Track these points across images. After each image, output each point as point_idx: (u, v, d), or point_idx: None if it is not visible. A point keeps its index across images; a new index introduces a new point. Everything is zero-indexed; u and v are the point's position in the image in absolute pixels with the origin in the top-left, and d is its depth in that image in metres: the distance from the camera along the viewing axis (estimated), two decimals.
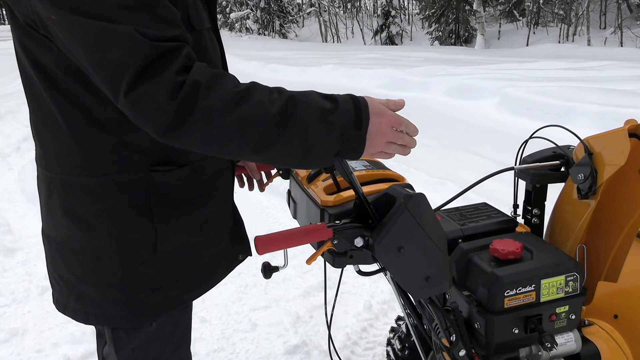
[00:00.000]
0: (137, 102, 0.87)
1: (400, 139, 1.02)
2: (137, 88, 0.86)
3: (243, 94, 0.90)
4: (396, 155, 1.06)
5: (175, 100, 0.86)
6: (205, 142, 0.92)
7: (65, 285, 1.19)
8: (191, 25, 1.03)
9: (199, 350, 2.46)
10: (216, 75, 0.91)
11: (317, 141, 0.94)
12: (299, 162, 0.97)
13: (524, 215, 1.53)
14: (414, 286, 1.07)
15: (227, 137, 0.91)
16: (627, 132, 1.26)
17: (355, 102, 0.97)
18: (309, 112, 0.93)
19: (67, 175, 1.10)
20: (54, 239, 1.19)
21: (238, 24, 28.79)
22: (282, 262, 1.03)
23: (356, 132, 0.95)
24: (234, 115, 0.89)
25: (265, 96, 0.91)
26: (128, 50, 0.86)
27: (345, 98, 0.97)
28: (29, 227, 3.75)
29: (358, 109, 0.96)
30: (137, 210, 1.09)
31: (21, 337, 2.58)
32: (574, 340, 1.26)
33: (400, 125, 1.02)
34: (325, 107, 0.93)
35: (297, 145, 0.93)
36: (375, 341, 2.50)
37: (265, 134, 0.91)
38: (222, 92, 0.89)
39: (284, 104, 0.91)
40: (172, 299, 1.19)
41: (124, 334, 1.20)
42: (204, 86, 0.88)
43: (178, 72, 0.87)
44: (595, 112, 5.99)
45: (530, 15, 20.46)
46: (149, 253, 1.12)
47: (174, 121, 0.88)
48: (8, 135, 6.25)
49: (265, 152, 0.94)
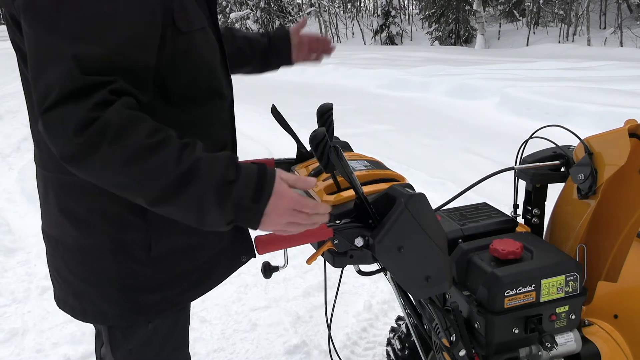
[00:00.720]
0: (49, 124, 0.89)
1: (303, 220, 0.98)
2: (52, 111, 0.88)
3: (152, 147, 0.89)
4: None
5: (82, 134, 0.87)
6: (102, 182, 0.93)
7: (64, 282, 1.20)
8: (176, 27, 1.02)
9: (199, 350, 2.46)
10: (133, 120, 0.90)
11: (210, 208, 0.93)
12: (194, 223, 0.97)
13: (524, 215, 1.53)
14: (414, 286, 1.07)
15: (123, 184, 0.92)
16: (627, 132, 1.26)
17: (261, 176, 0.95)
18: (208, 180, 0.92)
19: (63, 174, 1.10)
20: (52, 237, 1.20)
21: (238, 24, 28.78)
22: (282, 262, 1.04)
23: (253, 205, 0.94)
24: (135, 167, 0.89)
25: (174, 154, 0.91)
26: (59, 75, 0.88)
27: (252, 172, 0.96)
28: (29, 227, 3.75)
29: (260, 184, 0.94)
30: (131, 209, 1.09)
31: (21, 337, 2.58)
32: (574, 340, 1.27)
33: (303, 208, 0.98)
34: (225, 178, 0.93)
35: (190, 209, 0.93)
36: (375, 341, 2.50)
37: (161, 192, 0.91)
38: (131, 141, 0.88)
39: (188, 168, 0.91)
40: (168, 299, 1.19)
41: (120, 334, 1.20)
42: (113, 129, 0.87)
43: (93, 107, 0.87)
44: (595, 112, 5.99)
45: (530, 15, 20.46)
46: (144, 253, 1.13)
47: (76, 153, 0.88)
48: (8, 135, 6.26)
49: (160, 208, 0.94)
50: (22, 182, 4.74)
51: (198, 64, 1.09)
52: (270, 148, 4.98)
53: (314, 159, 1.43)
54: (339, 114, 2.19)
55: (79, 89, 0.87)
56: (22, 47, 1.01)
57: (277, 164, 1.53)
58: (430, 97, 8.53)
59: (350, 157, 1.37)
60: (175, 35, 1.02)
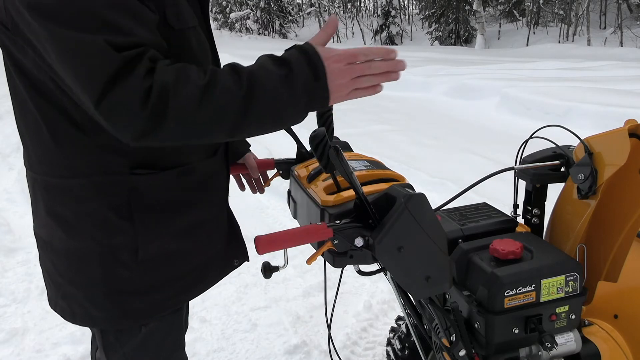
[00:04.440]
0: (110, 112, 0.89)
1: (365, 70, 0.99)
2: (107, 99, 0.88)
3: (209, 84, 0.91)
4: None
5: (147, 104, 0.88)
6: (184, 136, 0.93)
7: (53, 284, 1.20)
8: (168, 25, 1.02)
9: (199, 350, 2.45)
10: (180, 71, 0.92)
11: (286, 105, 0.96)
12: (274, 128, 1.00)
13: (524, 215, 1.53)
14: (414, 286, 1.07)
15: (203, 128, 0.93)
16: (627, 132, 1.26)
17: (305, 55, 0.97)
18: (271, 84, 0.94)
19: (49, 177, 1.10)
20: (41, 238, 1.19)
21: (238, 24, 28.77)
22: (282, 262, 1.03)
23: (317, 83, 0.96)
24: (206, 107, 0.91)
25: (229, 80, 0.93)
26: (98, 62, 0.88)
27: (295, 56, 0.97)
28: (29, 227, 3.71)
29: (311, 62, 0.96)
30: (118, 213, 1.08)
31: (21, 337, 2.58)
32: (574, 340, 1.26)
33: (354, 58, 0.99)
34: (281, 74, 0.95)
35: (269, 116, 0.96)
36: (375, 341, 2.50)
37: (237, 116, 0.93)
38: (189, 88, 0.90)
39: (247, 83, 0.93)
40: (157, 303, 1.17)
41: (113, 338, 1.19)
42: (171, 86, 0.89)
43: (144, 77, 0.88)
44: (595, 112, 5.99)
45: (530, 15, 20.46)
46: (131, 257, 1.11)
47: (149, 124, 0.89)
48: (8, 136, 6.25)
49: (240, 131, 0.97)
50: (22, 182, 4.73)
51: (190, 63, 1.09)
52: (270, 148, 4.98)
53: (314, 159, 1.43)
54: (339, 113, 2.19)
55: (122, 68, 0.87)
56: (9, 48, 1.00)
57: (277, 164, 1.53)
58: (430, 97, 8.53)
59: (350, 157, 1.37)
60: (167, 32, 1.02)
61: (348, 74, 0.97)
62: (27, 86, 1.03)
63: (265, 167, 1.53)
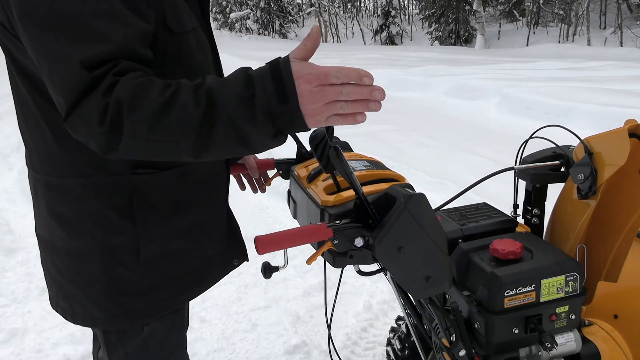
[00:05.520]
0: (74, 127, 0.90)
1: (338, 95, 0.84)
2: (73, 113, 0.88)
3: (167, 102, 0.87)
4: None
5: (104, 122, 0.87)
6: (144, 154, 0.91)
7: (54, 284, 1.20)
8: (168, 28, 1.01)
9: (199, 350, 2.46)
10: (140, 87, 0.88)
11: (248, 131, 0.87)
12: (245, 151, 0.92)
13: (524, 215, 1.53)
14: (414, 286, 1.06)
15: (161, 147, 0.89)
16: (627, 132, 1.26)
17: (275, 73, 0.85)
18: (229, 103, 0.86)
19: (50, 176, 1.10)
20: (43, 238, 1.19)
21: (238, 24, 28.77)
22: (282, 262, 1.03)
23: (284, 106, 0.84)
24: (161, 126, 0.87)
25: (190, 97, 0.87)
26: (69, 78, 0.88)
27: (263, 73, 0.86)
28: (29, 227, 3.75)
29: (278, 81, 0.85)
30: (119, 213, 1.08)
31: (21, 337, 2.58)
32: (574, 340, 1.26)
33: (325, 78, 0.84)
34: (242, 94, 0.85)
35: (232, 138, 0.88)
36: (375, 341, 2.50)
37: (196, 136, 0.88)
38: (145, 106, 0.87)
39: (206, 102, 0.86)
40: (158, 303, 1.17)
41: (115, 338, 1.19)
42: (126, 103, 0.86)
43: (104, 93, 0.87)
44: (595, 112, 5.99)
45: (530, 15, 20.46)
46: (132, 257, 1.11)
47: (109, 141, 0.88)
48: (8, 135, 6.26)
49: (205, 152, 0.90)
50: (22, 182, 4.73)
51: (189, 65, 1.08)
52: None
53: (314, 159, 1.43)
54: None
55: (89, 85, 0.87)
56: (9, 46, 1.01)
57: (277, 164, 1.53)
58: (430, 97, 8.53)
59: (350, 157, 1.37)
60: (167, 36, 1.01)
61: (320, 97, 0.84)
62: (28, 86, 1.03)
63: (266, 167, 1.53)
